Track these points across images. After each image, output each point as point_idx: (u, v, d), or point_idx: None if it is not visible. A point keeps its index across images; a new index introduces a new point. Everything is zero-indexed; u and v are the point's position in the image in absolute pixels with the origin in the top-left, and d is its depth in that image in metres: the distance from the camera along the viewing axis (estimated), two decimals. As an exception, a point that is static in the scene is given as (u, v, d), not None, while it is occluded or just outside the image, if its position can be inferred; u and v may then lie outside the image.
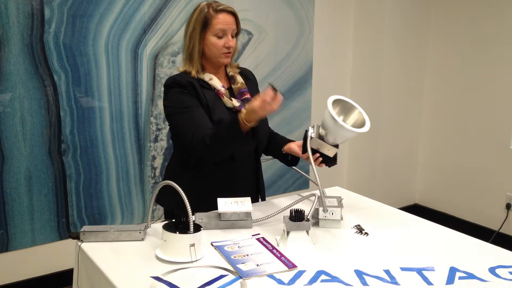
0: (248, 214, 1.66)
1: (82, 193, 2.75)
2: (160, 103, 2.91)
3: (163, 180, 1.59)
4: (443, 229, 1.70)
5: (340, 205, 1.69)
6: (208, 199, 1.71)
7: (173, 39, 2.89)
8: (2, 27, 2.39)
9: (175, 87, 1.77)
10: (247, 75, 1.96)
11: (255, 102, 1.56)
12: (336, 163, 1.76)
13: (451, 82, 3.66)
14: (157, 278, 1.31)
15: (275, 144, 1.94)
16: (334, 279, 1.33)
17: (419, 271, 1.38)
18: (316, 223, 1.68)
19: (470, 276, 1.36)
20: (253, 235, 1.60)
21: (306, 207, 1.64)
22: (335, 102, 1.76)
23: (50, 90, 2.57)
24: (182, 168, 1.86)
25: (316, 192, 1.90)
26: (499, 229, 3.45)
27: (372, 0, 3.55)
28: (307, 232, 1.52)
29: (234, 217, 1.65)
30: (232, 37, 1.79)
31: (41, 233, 2.67)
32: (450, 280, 1.33)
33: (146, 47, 2.81)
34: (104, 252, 1.47)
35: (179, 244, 1.39)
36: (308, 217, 1.55)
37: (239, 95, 1.84)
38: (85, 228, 1.55)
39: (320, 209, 1.65)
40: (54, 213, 2.69)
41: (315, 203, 1.68)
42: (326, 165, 1.75)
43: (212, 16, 1.75)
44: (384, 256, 1.47)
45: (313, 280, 1.32)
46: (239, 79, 1.88)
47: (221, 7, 1.76)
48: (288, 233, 1.51)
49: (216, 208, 1.64)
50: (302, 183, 3.57)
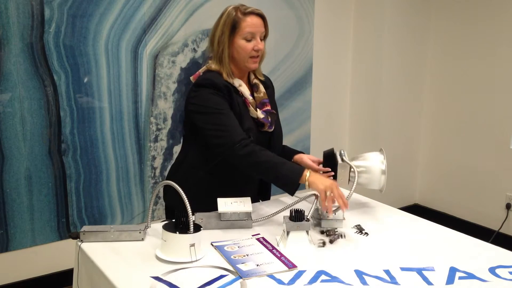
0: (248, 214, 1.66)
1: (82, 193, 2.75)
2: (160, 103, 2.91)
3: (168, 179, 1.59)
4: (443, 229, 1.70)
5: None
6: (214, 201, 1.70)
7: (173, 39, 2.89)
8: (2, 27, 2.39)
9: (209, 88, 1.73)
10: (267, 83, 1.94)
11: (327, 186, 1.65)
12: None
13: (451, 82, 3.66)
14: (157, 278, 1.31)
15: (284, 153, 1.92)
16: (334, 279, 1.33)
17: (419, 271, 1.38)
18: (317, 224, 1.68)
19: (470, 276, 1.36)
20: (253, 235, 1.60)
21: (306, 207, 1.64)
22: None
23: (50, 90, 2.57)
24: (194, 168, 1.83)
25: (316, 192, 1.90)
26: (499, 229, 3.45)
27: (372, 0, 3.55)
28: (307, 232, 1.52)
29: (234, 217, 1.65)
30: (261, 40, 1.76)
31: (41, 233, 2.67)
32: (450, 280, 1.33)
33: (146, 47, 2.81)
34: (104, 252, 1.47)
35: (179, 244, 1.39)
36: (308, 217, 1.55)
37: (260, 105, 1.83)
38: (85, 228, 1.55)
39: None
40: (54, 213, 2.69)
41: (315, 203, 1.68)
42: None
43: (241, 19, 1.72)
44: (384, 256, 1.47)
45: (313, 280, 1.32)
46: (262, 88, 1.87)
47: (249, 9, 1.74)
48: (288, 233, 1.51)
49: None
50: (302, 183, 3.57)
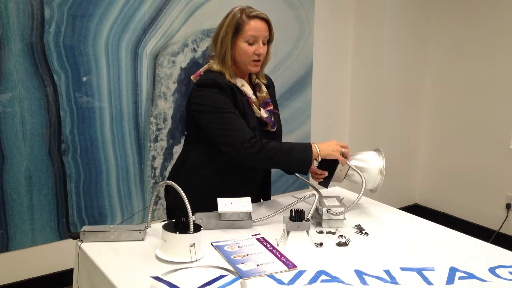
0: (248, 214, 1.66)
1: (82, 193, 2.75)
2: (160, 103, 2.91)
3: (170, 179, 1.59)
4: (443, 229, 1.70)
5: (342, 204, 1.70)
6: (214, 200, 1.70)
7: (173, 39, 2.89)
8: (2, 27, 2.39)
9: (213, 88, 1.72)
10: (269, 83, 1.95)
11: (328, 144, 1.70)
12: (327, 186, 1.88)
13: (451, 82, 3.66)
14: (157, 278, 1.31)
15: None
16: (334, 279, 1.33)
17: (419, 271, 1.38)
18: (317, 224, 1.68)
19: (470, 276, 1.36)
20: (253, 235, 1.60)
21: (306, 207, 1.64)
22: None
23: (50, 90, 2.57)
24: (197, 168, 1.82)
25: (316, 192, 1.90)
26: (499, 229, 3.45)
27: (372, 0, 3.55)
28: (307, 232, 1.52)
29: (234, 217, 1.65)
30: (264, 44, 1.76)
31: (41, 233, 2.67)
32: (450, 280, 1.33)
33: (146, 47, 2.81)
34: (104, 252, 1.47)
35: (179, 244, 1.39)
36: (308, 217, 1.55)
37: (263, 105, 1.84)
38: (85, 228, 1.55)
39: (324, 209, 1.66)
40: (54, 213, 2.69)
41: (315, 203, 1.68)
42: (323, 183, 1.86)
43: (245, 22, 1.72)
44: (384, 256, 1.47)
45: (313, 280, 1.32)
46: (264, 88, 1.88)
47: (254, 13, 1.73)
48: (288, 233, 1.51)
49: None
50: (302, 183, 3.57)
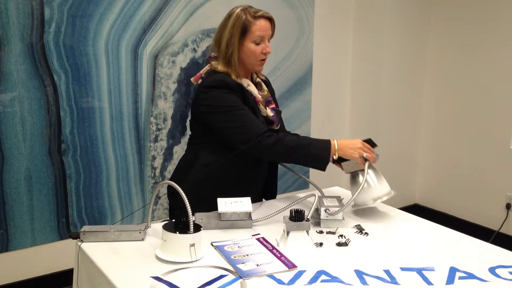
0: (248, 214, 1.66)
1: (82, 193, 2.75)
2: (160, 103, 2.91)
3: (178, 181, 1.58)
4: (443, 229, 1.70)
5: (341, 205, 1.70)
6: (211, 201, 1.70)
7: (173, 39, 2.89)
8: (2, 27, 2.39)
9: (222, 88, 1.73)
10: (267, 82, 1.98)
11: (351, 143, 1.70)
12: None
13: (451, 81, 3.66)
14: (157, 278, 1.31)
15: None
16: (334, 279, 1.33)
17: (419, 271, 1.38)
18: (317, 224, 1.68)
19: (470, 276, 1.36)
20: (253, 235, 1.60)
21: (306, 207, 1.64)
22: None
23: (50, 90, 2.57)
24: (206, 167, 1.82)
25: (316, 192, 1.91)
26: (499, 229, 3.45)
27: (372, 0, 3.55)
28: (307, 232, 1.52)
29: (234, 217, 1.65)
30: (268, 41, 1.79)
31: (41, 233, 2.67)
32: (450, 280, 1.33)
33: (146, 47, 2.81)
34: (104, 252, 1.47)
35: (179, 244, 1.39)
36: (308, 217, 1.55)
37: (266, 104, 1.86)
38: (85, 228, 1.55)
39: (322, 209, 1.66)
40: (54, 213, 2.69)
41: (315, 203, 1.68)
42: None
43: (251, 22, 1.73)
44: (384, 256, 1.47)
45: (313, 280, 1.32)
46: (265, 86, 1.91)
47: (259, 13, 1.74)
48: (288, 233, 1.51)
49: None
50: (302, 183, 3.57)
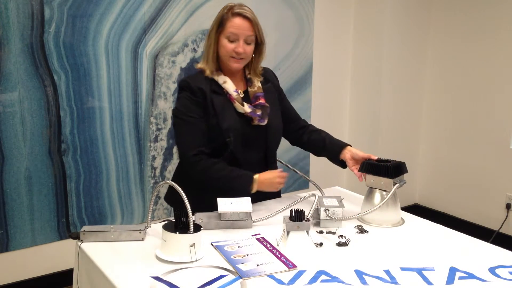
0: (248, 214, 1.66)
1: (82, 193, 2.75)
2: (160, 103, 2.91)
3: (179, 180, 1.60)
4: (443, 229, 1.70)
5: (341, 205, 1.70)
6: (211, 201, 1.70)
7: (173, 39, 2.89)
8: (2, 27, 2.39)
9: (187, 91, 1.78)
10: (267, 76, 1.95)
11: (268, 179, 1.73)
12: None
13: (451, 82, 3.66)
14: (157, 278, 1.31)
15: (330, 149, 1.94)
16: (334, 279, 1.33)
17: (419, 271, 1.38)
18: (317, 223, 1.68)
19: (470, 276, 1.36)
20: (253, 235, 1.60)
21: (306, 207, 1.64)
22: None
23: (50, 90, 2.57)
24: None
25: (316, 192, 1.90)
26: (499, 229, 3.45)
27: (372, 0, 3.55)
28: (307, 232, 1.52)
29: (234, 217, 1.65)
30: (248, 44, 1.77)
31: (41, 233, 2.67)
32: (450, 280, 1.33)
33: (146, 47, 2.81)
34: (104, 252, 1.47)
35: (179, 244, 1.39)
36: (308, 217, 1.55)
37: (254, 99, 1.84)
38: (85, 228, 1.55)
39: (322, 209, 1.66)
40: (54, 213, 2.69)
41: (315, 203, 1.68)
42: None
43: (227, 18, 1.74)
44: (384, 256, 1.47)
45: (313, 280, 1.32)
46: (257, 82, 1.88)
47: (238, 10, 1.74)
48: (288, 233, 1.51)
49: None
50: (302, 183, 3.57)
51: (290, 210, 1.53)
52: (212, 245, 1.52)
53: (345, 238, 1.58)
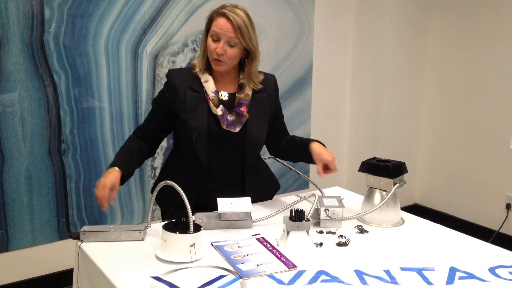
0: (248, 214, 1.66)
1: (82, 193, 2.75)
2: (160, 103, 2.91)
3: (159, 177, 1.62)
4: (443, 229, 1.70)
5: (341, 205, 1.70)
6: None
7: (173, 39, 2.89)
8: (2, 27, 2.39)
9: (165, 84, 1.85)
10: (266, 85, 1.85)
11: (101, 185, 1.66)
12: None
13: (451, 82, 3.66)
14: (157, 278, 1.31)
15: (299, 143, 1.90)
16: (334, 279, 1.33)
17: (419, 271, 1.38)
18: (317, 223, 1.68)
19: (470, 276, 1.36)
20: (253, 235, 1.60)
21: (306, 207, 1.64)
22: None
23: (50, 90, 2.57)
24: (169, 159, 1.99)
25: (316, 192, 1.90)
26: (499, 229, 3.45)
27: (372, 0, 3.55)
28: (307, 232, 1.52)
29: (234, 217, 1.65)
30: (232, 46, 1.70)
31: (41, 233, 2.67)
32: (450, 280, 1.33)
33: (146, 47, 2.81)
34: (104, 252, 1.47)
35: (179, 244, 1.39)
36: (308, 217, 1.55)
37: (237, 106, 1.78)
38: (85, 228, 1.55)
39: (322, 209, 1.66)
40: (54, 213, 2.69)
41: (315, 203, 1.68)
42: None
43: (214, 18, 1.73)
44: (384, 256, 1.47)
45: (313, 280, 1.32)
46: (248, 89, 1.80)
47: (224, 11, 1.71)
48: (288, 233, 1.51)
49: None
50: (302, 183, 3.57)
51: (290, 210, 1.53)
52: (212, 245, 1.52)
53: (345, 238, 1.58)
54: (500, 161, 3.41)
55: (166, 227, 1.42)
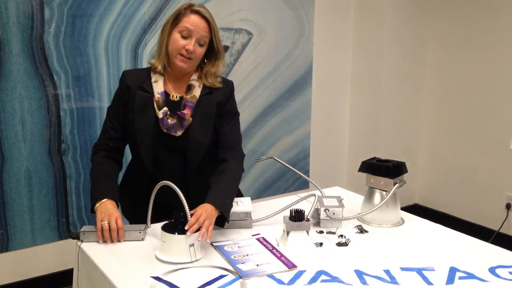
0: (248, 214, 1.66)
1: (82, 193, 2.75)
2: (160, 103, 2.91)
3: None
4: (443, 229, 1.70)
5: (341, 205, 1.70)
6: (136, 210, 1.73)
7: (173, 39, 2.89)
8: (2, 27, 2.39)
9: (119, 85, 1.81)
10: (219, 89, 1.77)
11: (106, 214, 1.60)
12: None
13: (451, 82, 3.66)
14: (157, 278, 1.31)
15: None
16: (334, 279, 1.33)
17: (419, 271, 1.38)
18: (317, 224, 1.68)
19: (470, 276, 1.36)
20: (253, 235, 1.60)
21: (306, 207, 1.64)
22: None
23: (50, 90, 2.57)
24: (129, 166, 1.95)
25: (316, 192, 1.91)
26: (499, 229, 3.45)
27: (372, 0, 3.55)
28: (307, 232, 1.52)
29: (234, 217, 1.65)
30: (201, 45, 1.68)
31: (41, 233, 2.67)
32: (450, 280, 1.33)
33: (146, 47, 2.81)
34: (104, 252, 1.47)
35: (178, 244, 1.39)
36: (308, 217, 1.55)
37: (183, 107, 1.73)
38: (85, 228, 1.56)
39: (322, 209, 1.66)
40: (54, 213, 2.69)
41: (315, 203, 1.68)
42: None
43: (184, 14, 1.67)
44: (384, 256, 1.47)
45: (313, 280, 1.32)
46: (196, 91, 1.73)
47: (197, 8, 1.67)
48: (288, 233, 1.51)
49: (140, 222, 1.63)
50: (302, 183, 3.57)
51: (290, 210, 1.53)
52: (212, 245, 1.52)
53: (345, 238, 1.58)
54: (500, 161, 3.41)
55: (165, 228, 1.42)
